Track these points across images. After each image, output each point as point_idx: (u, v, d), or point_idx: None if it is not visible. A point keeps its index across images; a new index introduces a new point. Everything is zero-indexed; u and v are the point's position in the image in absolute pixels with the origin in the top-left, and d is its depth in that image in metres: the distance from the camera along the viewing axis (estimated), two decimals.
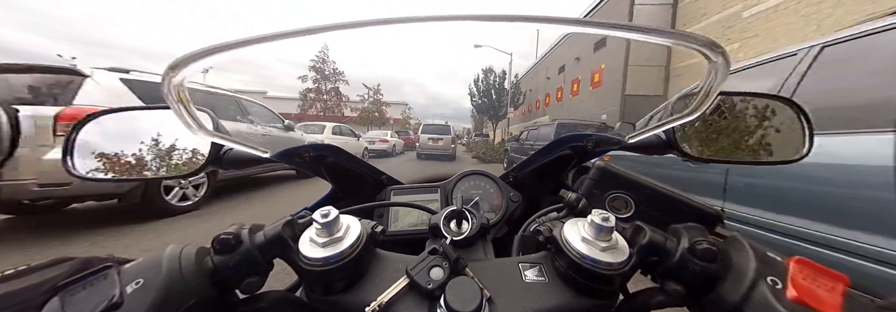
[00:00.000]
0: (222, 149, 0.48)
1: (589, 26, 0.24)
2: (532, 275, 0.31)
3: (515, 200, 0.64)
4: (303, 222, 0.31)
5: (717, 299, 0.26)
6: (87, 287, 0.24)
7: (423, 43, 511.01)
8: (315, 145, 0.57)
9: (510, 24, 0.24)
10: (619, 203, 0.39)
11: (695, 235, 0.29)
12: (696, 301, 0.28)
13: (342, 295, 0.29)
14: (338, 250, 0.28)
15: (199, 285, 0.26)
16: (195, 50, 0.25)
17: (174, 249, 0.28)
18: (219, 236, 0.28)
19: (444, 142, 12.79)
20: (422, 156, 13.29)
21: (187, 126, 0.30)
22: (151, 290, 0.24)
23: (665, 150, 0.53)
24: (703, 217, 0.35)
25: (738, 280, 0.25)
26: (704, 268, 0.27)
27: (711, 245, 0.27)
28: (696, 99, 0.32)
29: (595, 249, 0.28)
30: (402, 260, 0.32)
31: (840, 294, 0.23)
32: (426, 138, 12.94)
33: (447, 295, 0.26)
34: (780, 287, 0.24)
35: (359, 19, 0.24)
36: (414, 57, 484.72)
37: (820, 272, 0.24)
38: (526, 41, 29.78)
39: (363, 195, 0.64)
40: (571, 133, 0.60)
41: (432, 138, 12.92)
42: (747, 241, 0.28)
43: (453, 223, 0.37)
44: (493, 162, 12.23)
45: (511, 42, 28.22)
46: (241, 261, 0.28)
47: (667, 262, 0.28)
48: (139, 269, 0.26)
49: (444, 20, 0.24)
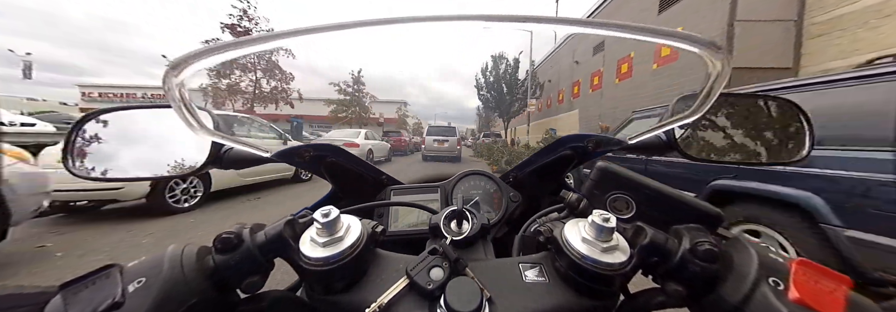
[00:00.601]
0: (222, 148, 0.48)
1: (588, 26, 0.24)
2: (532, 275, 0.31)
3: (515, 200, 0.64)
4: (304, 221, 0.31)
5: (718, 299, 0.26)
6: (89, 285, 0.24)
7: (423, 43, 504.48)
8: (315, 144, 0.57)
9: (510, 25, 0.24)
10: (620, 204, 0.39)
11: (696, 236, 0.29)
12: (697, 301, 0.28)
13: (343, 295, 0.29)
14: (338, 249, 0.28)
15: (200, 284, 0.26)
16: (195, 50, 0.25)
17: (176, 248, 0.28)
18: (220, 235, 0.28)
19: (449, 144, 13.02)
20: (427, 158, 13.40)
21: (188, 125, 0.30)
22: (153, 289, 0.24)
23: (665, 151, 0.53)
24: (705, 218, 0.35)
25: (740, 281, 0.25)
26: (706, 269, 0.27)
27: (713, 246, 0.27)
28: (697, 100, 0.32)
29: (596, 249, 0.28)
30: (402, 260, 0.32)
31: (843, 296, 0.23)
32: (432, 140, 13.14)
33: (447, 295, 0.26)
34: (782, 288, 0.23)
35: (360, 19, 0.24)
36: (415, 57, 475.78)
37: (823, 273, 0.24)
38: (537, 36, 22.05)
39: (363, 195, 0.64)
40: (572, 134, 0.60)
41: (438, 139, 13.14)
42: (749, 242, 0.28)
43: (453, 224, 0.37)
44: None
45: (520, 37, 25.11)
46: (242, 260, 0.28)
47: (668, 263, 0.28)
48: (141, 268, 0.26)
49: (441, 20, 0.24)
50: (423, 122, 42.93)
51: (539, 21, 0.24)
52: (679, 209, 0.36)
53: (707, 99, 0.31)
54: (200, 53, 0.25)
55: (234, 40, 0.25)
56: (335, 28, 0.25)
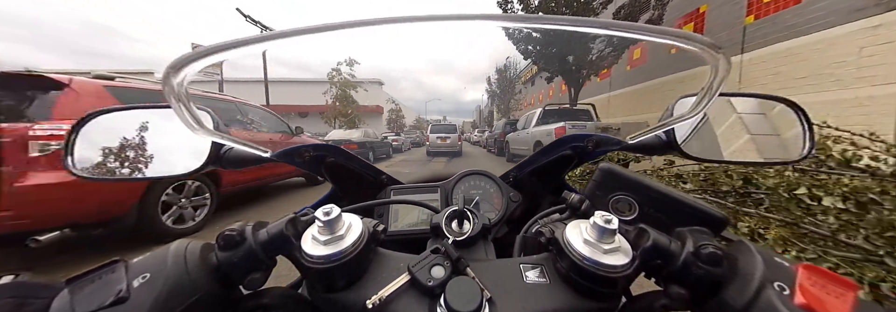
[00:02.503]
0: (223, 148, 0.48)
1: (588, 26, 0.24)
2: (533, 276, 0.31)
3: (515, 200, 0.64)
4: (305, 219, 0.31)
5: (722, 303, 0.25)
6: (95, 280, 0.24)
7: (417, 39, 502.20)
8: (315, 144, 0.57)
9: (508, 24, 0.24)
10: (623, 205, 0.39)
11: (700, 238, 0.29)
12: (700, 305, 0.27)
13: (344, 293, 0.29)
14: (340, 248, 0.28)
15: (203, 280, 0.26)
16: (196, 50, 0.25)
17: (180, 245, 0.28)
18: (223, 232, 0.28)
19: (451, 140, 14.30)
20: (432, 153, 14.58)
21: (188, 125, 0.30)
22: (157, 285, 0.24)
23: (665, 150, 0.53)
24: (709, 221, 0.34)
25: (745, 285, 0.24)
26: (710, 272, 0.26)
27: (717, 249, 0.27)
28: (697, 100, 0.32)
29: (597, 251, 0.28)
30: (403, 259, 0.32)
31: (850, 303, 0.22)
32: (435, 138, 14.45)
33: (447, 294, 0.26)
34: (788, 293, 0.23)
35: (360, 19, 0.24)
36: (408, 52, 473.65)
37: (829, 278, 0.24)
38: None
39: (363, 195, 0.64)
40: (572, 134, 0.60)
41: (441, 136, 14.45)
42: (754, 246, 0.28)
43: (454, 223, 0.37)
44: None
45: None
46: (245, 257, 0.28)
47: (671, 265, 0.28)
48: (146, 264, 0.26)
49: (440, 20, 0.24)
50: (401, 106, 38.70)
51: (541, 21, 0.24)
52: (683, 211, 0.36)
53: (707, 99, 0.31)
54: (200, 54, 0.25)
55: (234, 40, 0.25)
56: (336, 28, 0.25)
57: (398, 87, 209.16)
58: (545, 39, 11.73)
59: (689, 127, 0.55)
